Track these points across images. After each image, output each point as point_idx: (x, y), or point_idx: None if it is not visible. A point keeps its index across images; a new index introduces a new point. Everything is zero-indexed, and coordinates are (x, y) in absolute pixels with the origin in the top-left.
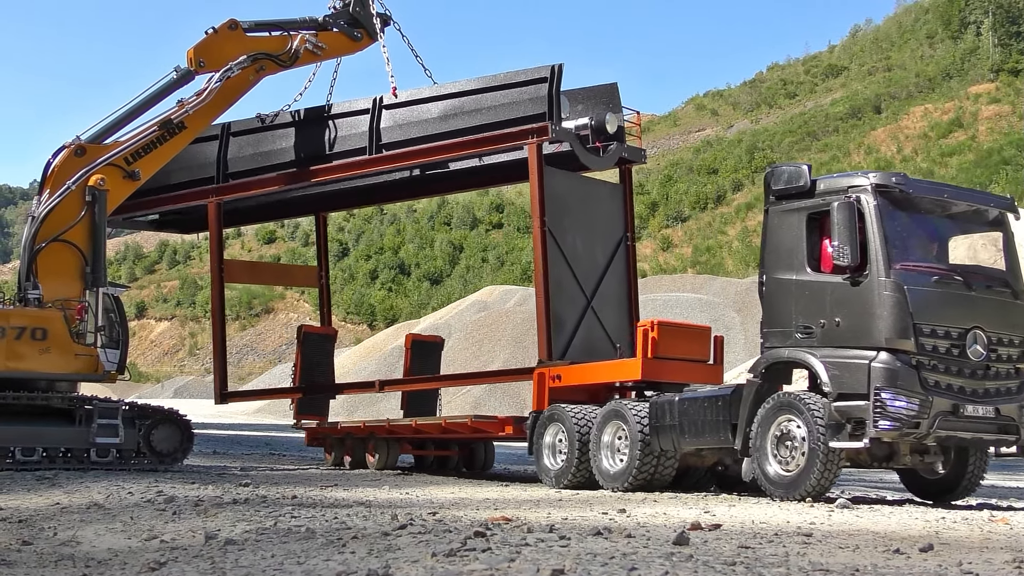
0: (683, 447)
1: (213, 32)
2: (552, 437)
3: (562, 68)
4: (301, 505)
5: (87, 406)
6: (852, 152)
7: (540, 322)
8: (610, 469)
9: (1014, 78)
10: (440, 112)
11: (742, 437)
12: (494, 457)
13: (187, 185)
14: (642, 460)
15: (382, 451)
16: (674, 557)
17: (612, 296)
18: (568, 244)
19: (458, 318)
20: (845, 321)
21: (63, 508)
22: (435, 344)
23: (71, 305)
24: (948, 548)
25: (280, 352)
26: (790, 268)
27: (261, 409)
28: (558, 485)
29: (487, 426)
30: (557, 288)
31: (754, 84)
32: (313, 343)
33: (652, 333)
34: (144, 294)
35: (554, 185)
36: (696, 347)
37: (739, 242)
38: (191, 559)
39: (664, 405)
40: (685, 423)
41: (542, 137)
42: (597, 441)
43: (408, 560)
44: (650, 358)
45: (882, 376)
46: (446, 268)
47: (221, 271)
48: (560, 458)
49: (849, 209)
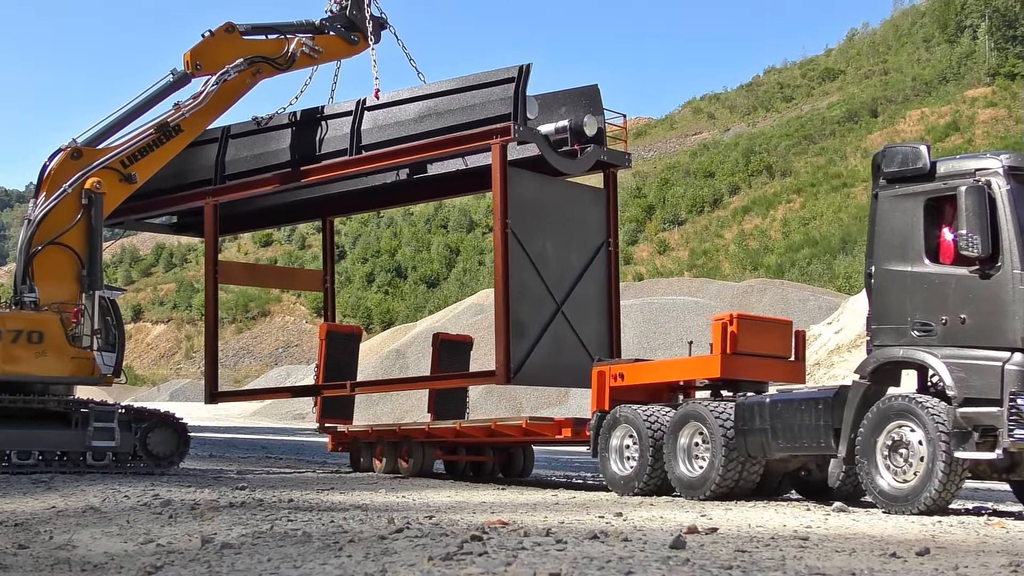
0: (774, 453)
1: (210, 35)
2: (619, 440)
3: (529, 68)
4: (297, 509)
5: (83, 409)
6: (849, 156)
7: (498, 325)
8: (688, 475)
9: (1011, 82)
10: (416, 113)
11: (846, 444)
12: (533, 462)
13: (191, 187)
14: (725, 466)
15: (417, 455)
16: (670, 561)
17: (589, 302)
18: (536, 247)
19: (454, 321)
20: (972, 318)
21: (59, 512)
22: (464, 344)
23: (67, 308)
24: (944, 552)
25: (277, 355)
26: (904, 258)
27: (257, 412)
28: (628, 492)
29: (543, 428)
30: (520, 292)
31: (751, 87)
32: (337, 342)
33: (731, 327)
34: (140, 297)
35: (521, 187)
36: (777, 342)
37: (736, 245)
38: (187, 563)
39: (753, 407)
40: (778, 427)
41: (505, 138)
42: (672, 445)
43: (404, 564)
44: (729, 354)
45: (1018, 380)
46: (443, 271)
47: (215, 272)
48: (630, 463)
49: (979, 194)
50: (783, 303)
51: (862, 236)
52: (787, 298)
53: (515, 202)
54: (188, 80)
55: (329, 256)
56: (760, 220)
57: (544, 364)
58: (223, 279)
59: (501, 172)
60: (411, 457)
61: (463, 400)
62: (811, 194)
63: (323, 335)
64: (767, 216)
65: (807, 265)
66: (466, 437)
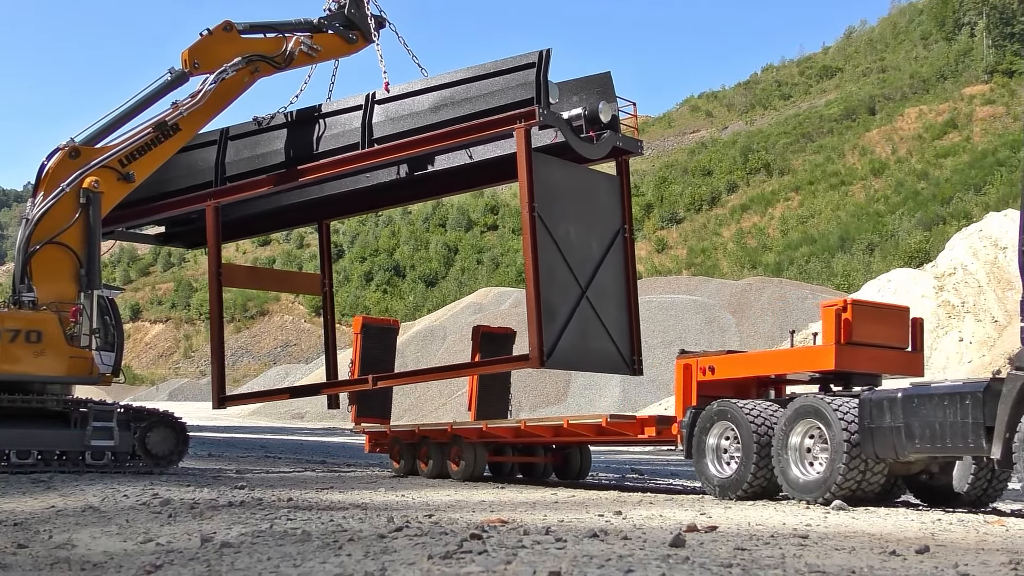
0: (907, 454)
1: (208, 34)
2: (717, 438)
3: (550, 53)
4: (297, 508)
5: (82, 409)
6: (847, 153)
7: (531, 309)
8: (801, 478)
9: (1008, 79)
10: (431, 104)
11: (1002, 444)
12: (590, 463)
13: (189, 191)
14: (848, 467)
15: (468, 457)
16: (670, 559)
17: (609, 290)
18: (561, 233)
19: (453, 320)
20: None
21: (58, 511)
22: (507, 336)
23: (65, 308)
24: (944, 550)
25: (275, 354)
26: None
27: (256, 411)
28: (730, 495)
29: (624, 427)
30: (549, 276)
31: (749, 85)
32: (374, 336)
33: (845, 314)
34: (139, 296)
35: (546, 173)
36: (894, 331)
37: (734, 244)
38: (187, 562)
39: (882, 402)
40: (915, 425)
41: (529, 122)
42: (783, 444)
43: (404, 563)
44: (843, 344)
45: None
46: (441, 270)
47: (219, 276)
48: (730, 464)
49: None
50: (781, 301)
51: (860, 234)
52: (785, 296)
53: (540, 188)
54: (186, 79)
55: (326, 259)
56: (758, 218)
57: (574, 348)
58: (226, 283)
59: (527, 157)
60: (462, 459)
61: (507, 399)
62: (809, 192)
63: (359, 328)
64: (765, 214)
65: (805, 263)
66: (530, 437)
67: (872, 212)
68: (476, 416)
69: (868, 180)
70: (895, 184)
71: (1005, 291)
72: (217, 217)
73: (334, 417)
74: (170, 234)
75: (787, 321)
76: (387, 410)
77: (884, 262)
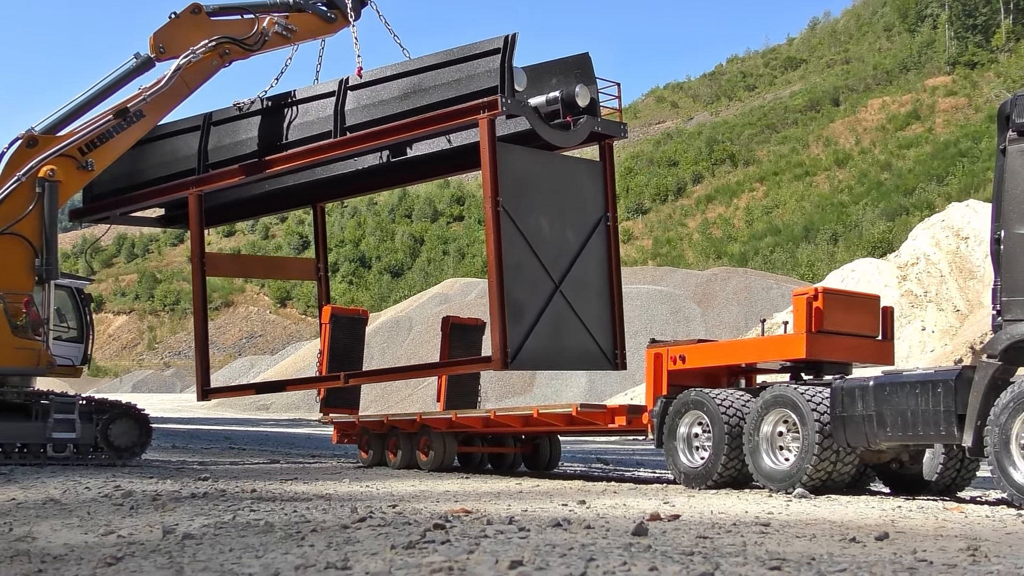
0: (879, 442)
1: (175, 17)
2: (688, 428)
3: (515, 38)
4: (260, 499)
5: (43, 401)
6: (811, 144)
7: (493, 308)
8: (773, 467)
9: (970, 71)
10: (401, 91)
11: (973, 433)
12: (560, 453)
13: (177, 177)
14: (819, 456)
15: (438, 448)
16: (632, 548)
17: (589, 282)
18: (531, 225)
19: (419, 311)
20: None
21: (19, 504)
22: (476, 328)
23: (17, 299)
24: (903, 536)
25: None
26: None
27: (221, 403)
28: (700, 485)
29: (595, 416)
30: (515, 272)
31: (714, 76)
32: (343, 326)
33: (816, 303)
34: (102, 288)
35: (513, 163)
36: (865, 320)
37: (699, 234)
38: (148, 554)
39: (853, 391)
40: (887, 413)
41: (492, 112)
42: (754, 433)
43: (367, 553)
44: (815, 333)
45: None
46: (407, 261)
47: (203, 264)
48: (700, 454)
49: None
50: (746, 291)
51: (824, 224)
52: (750, 286)
53: (506, 179)
54: (152, 64)
55: (321, 243)
56: (723, 209)
57: (543, 347)
58: (210, 272)
59: (490, 148)
60: (431, 449)
61: (475, 389)
62: (774, 183)
63: (327, 319)
64: (730, 205)
65: (770, 253)
66: (499, 427)
67: (836, 203)
68: (446, 407)
69: (832, 171)
70: (859, 175)
71: (967, 281)
72: (200, 205)
73: (299, 408)
74: (170, 216)
75: (752, 311)
76: (355, 401)
77: (848, 252)
